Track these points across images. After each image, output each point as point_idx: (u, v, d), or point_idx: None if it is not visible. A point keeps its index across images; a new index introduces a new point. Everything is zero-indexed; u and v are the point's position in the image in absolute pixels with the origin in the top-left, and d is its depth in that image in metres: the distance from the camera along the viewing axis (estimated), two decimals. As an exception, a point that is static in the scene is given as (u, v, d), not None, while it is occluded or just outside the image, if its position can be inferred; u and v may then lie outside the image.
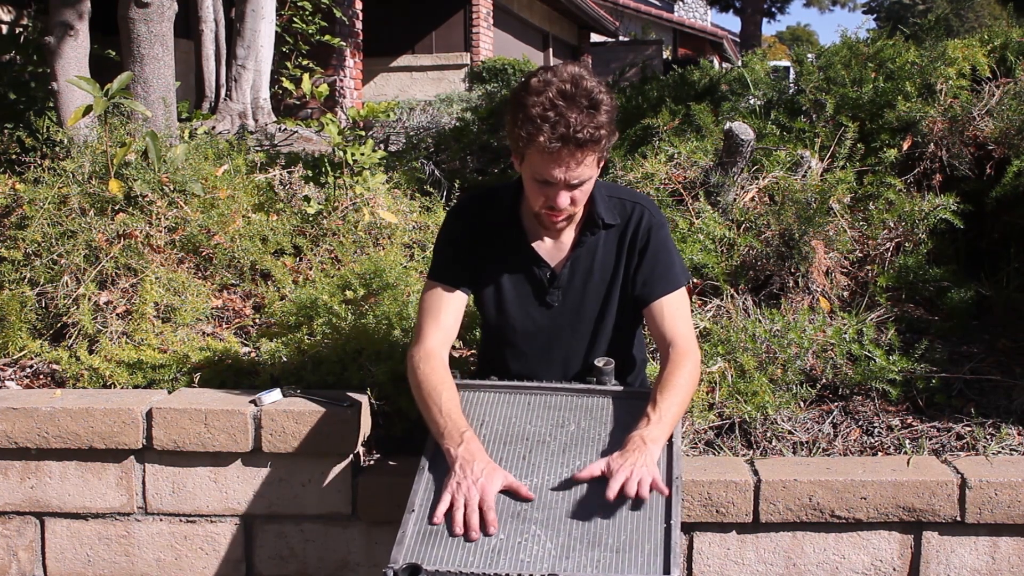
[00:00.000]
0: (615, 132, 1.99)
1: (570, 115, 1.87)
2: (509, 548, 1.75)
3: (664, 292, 2.09)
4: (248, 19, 7.72)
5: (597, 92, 1.91)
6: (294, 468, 2.40)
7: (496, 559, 1.73)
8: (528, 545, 1.76)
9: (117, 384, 2.66)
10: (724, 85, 4.27)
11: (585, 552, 1.74)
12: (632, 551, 1.73)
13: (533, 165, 1.95)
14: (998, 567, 2.31)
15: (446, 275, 2.13)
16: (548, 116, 1.87)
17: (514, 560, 1.73)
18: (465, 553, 1.75)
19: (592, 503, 1.82)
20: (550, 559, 1.72)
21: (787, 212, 3.09)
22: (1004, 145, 3.33)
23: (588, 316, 2.14)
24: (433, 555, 1.75)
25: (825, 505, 2.27)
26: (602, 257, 2.12)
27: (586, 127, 1.87)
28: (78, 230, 3.07)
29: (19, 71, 5.21)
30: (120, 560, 2.46)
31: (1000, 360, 2.84)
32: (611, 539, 1.76)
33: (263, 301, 3.07)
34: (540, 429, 2.00)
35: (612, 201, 2.13)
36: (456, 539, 1.78)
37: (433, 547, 1.76)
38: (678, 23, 24.35)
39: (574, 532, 1.78)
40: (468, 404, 2.05)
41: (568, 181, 1.93)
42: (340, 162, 3.60)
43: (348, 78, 10.07)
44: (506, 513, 1.81)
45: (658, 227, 2.12)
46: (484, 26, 12.82)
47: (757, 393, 2.60)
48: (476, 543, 1.77)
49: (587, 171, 1.95)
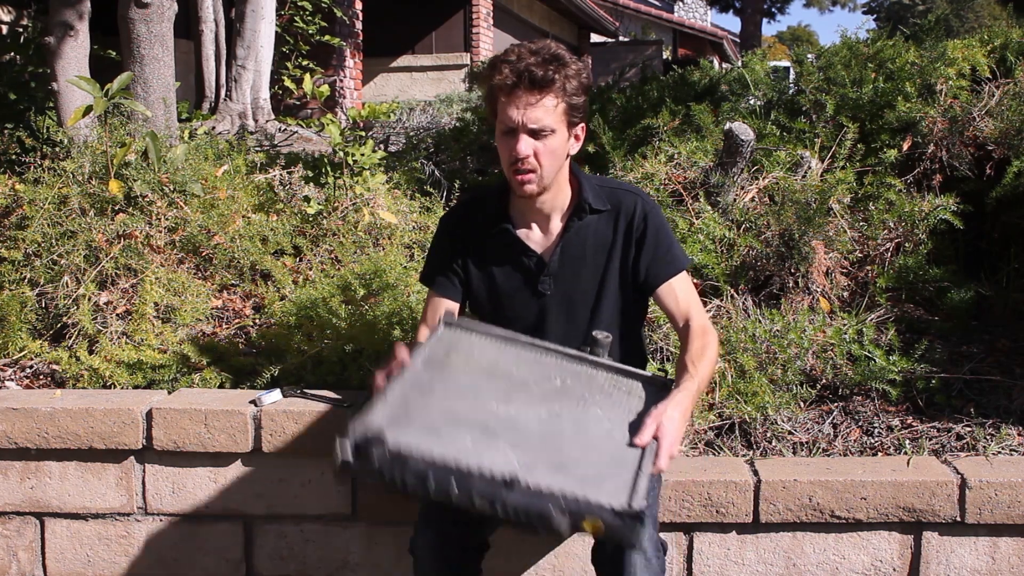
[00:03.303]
0: (583, 97, 2.05)
1: (528, 58, 1.97)
2: (474, 452, 1.73)
3: (670, 274, 2.11)
4: (248, 19, 7.72)
5: (563, 53, 2.01)
6: (294, 468, 2.40)
7: (459, 457, 1.70)
8: (493, 455, 1.73)
9: (117, 384, 2.66)
10: (724, 85, 4.27)
11: (550, 474, 1.72)
12: (597, 484, 1.72)
13: (499, 116, 2.02)
14: (998, 567, 2.31)
15: (433, 280, 2.19)
16: (509, 59, 1.99)
17: (478, 461, 1.70)
18: (429, 443, 1.72)
19: (564, 440, 1.82)
20: (512, 468, 1.70)
21: (787, 212, 3.09)
22: (1004, 145, 3.33)
23: (582, 303, 2.14)
24: (396, 437, 1.72)
25: (825, 505, 2.27)
26: (594, 243, 2.13)
27: (543, 68, 1.96)
28: (78, 230, 3.07)
29: (19, 71, 5.21)
30: (120, 560, 2.46)
31: (1000, 360, 2.84)
32: (578, 471, 1.74)
33: (263, 301, 3.07)
34: (526, 376, 1.97)
35: (601, 190, 2.16)
36: (423, 428, 1.75)
37: (398, 430, 1.73)
38: (678, 23, 24.35)
39: (542, 457, 1.76)
40: (457, 342, 2.02)
41: (526, 124, 1.98)
42: (340, 162, 3.60)
43: (348, 78, 10.07)
44: (477, 428, 1.79)
45: (653, 213, 2.14)
46: (484, 26, 12.82)
47: (757, 393, 2.60)
48: (443, 439, 1.74)
49: (546, 117, 1.98)
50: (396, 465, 1.69)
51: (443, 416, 1.84)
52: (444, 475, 1.69)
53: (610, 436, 1.88)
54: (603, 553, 1.90)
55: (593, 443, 1.85)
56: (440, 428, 1.80)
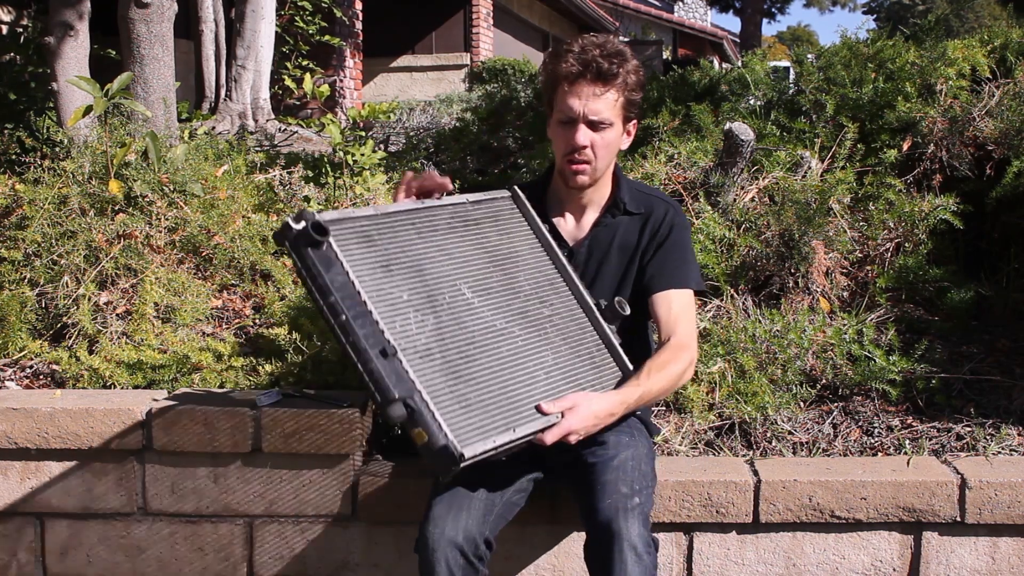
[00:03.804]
0: (640, 94, 2.08)
1: (594, 50, 2.01)
2: (397, 308, 1.76)
3: (670, 285, 2.11)
4: (248, 19, 7.72)
5: (624, 49, 2.05)
6: (294, 468, 2.40)
7: (377, 298, 1.74)
8: (408, 320, 1.76)
9: (117, 384, 2.66)
10: (724, 85, 4.27)
11: (436, 371, 1.75)
12: (467, 412, 1.76)
13: (557, 106, 2.05)
14: (998, 567, 2.31)
15: None
16: (573, 50, 2.02)
17: (390, 315, 1.73)
18: (368, 272, 1.75)
19: (486, 357, 1.85)
20: (408, 343, 1.74)
21: (787, 212, 3.09)
22: (1004, 145, 3.33)
23: (601, 297, 2.15)
24: (344, 247, 1.75)
25: (825, 505, 2.27)
26: (620, 242, 2.15)
27: (608, 60, 2.00)
28: (78, 230, 3.07)
29: (19, 71, 5.21)
30: (120, 560, 2.46)
31: (1000, 360, 2.84)
32: (467, 389, 1.79)
33: (263, 301, 3.07)
34: (523, 284, 1.98)
35: (638, 194, 2.19)
36: (376, 261, 1.77)
37: (352, 245, 1.77)
38: (678, 23, 24.35)
39: (450, 354, 1.79)
40: (503, 217, 2.03)
41: (587, 115, 2.01)
42: (340, 162, 3.60)
43: (348, 78, 10.07)
44: (425, 292, 1.81)
45: (681, 227, 2.16)
46: (484, 26, 12.82)
47: (757, 393, 2.60)
48: (385, 276, 1.77)
49: (606, 110, 2.02)
50: (321, 262, 1.69)
51: (407, 260, 1.82)
52: (350, 304, 1.69)
53: (528, 386, 1.87)
54: (594, 549, 1.90)
55: (507, 379, 1.84)
56: (392, 267, 1.79)
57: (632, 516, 1.86)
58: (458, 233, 1.96)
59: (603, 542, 1.86)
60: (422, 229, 1.90)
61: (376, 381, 1.69)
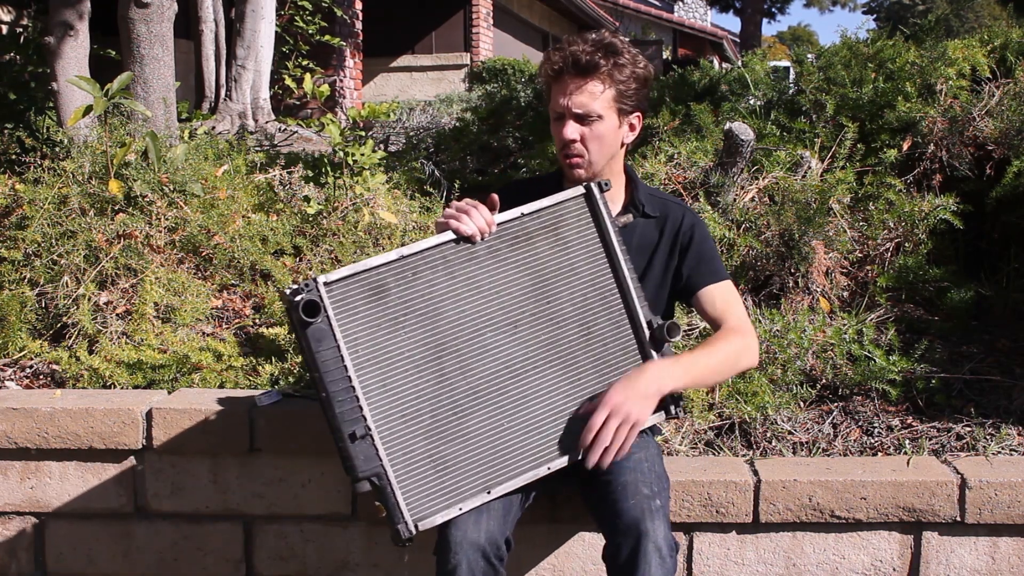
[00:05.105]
0: (638, 85, 2.06)
1: (576, 46, 2.01)
2: (389, 376, 1.82)
3: (711, 281, 2.13)
4: (248, 19, 7.72)
5: (618, 43, 2.03)
6: (294, 468, 2.40)
7: (370, 373, 1.82)
8: (398, 392, 1.83)
9: (117, 384, 2.66)
10: (724, 85, 4.27)
11: (418, 437, 1.83)
12: (442, 475, 1.85)
13: (550, 104, 2.07)
14: (998, 567, 2.31)
15: None
16: (560, 47, 2.04)
17: (381, 390, 1.81)
18: (366, 339, 1.80)
19: (492, 422, 1.89)
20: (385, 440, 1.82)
21: (787, 212, 3.09)
22: (1004, 145, 3.33)
23: None
24: (344, 318, 1.79)
25: (825, 505, 2.27)
26: (637, 244, 2.15)
27: (589, 53, 1.99)
28: (78, 230, 3.07)
29: (19, 71, 5.20)
30: (120, 560, 2.46)
31: (1000, 360, 2.84)
32: (451, 447, 1.86)
33: (263, 301, 3.07)
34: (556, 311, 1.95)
35: (653, 198, 2.20)
36: (385, 320, 1.81)
37: (354, 314, 1.80)
38: (678, 23, 24.35)
39: (441, 427, 1.85)
40: (560, 224, 1.98)
41: (572, 109, 2.02)
42: (340, 162, 3.60)
43: (348, 78, 10.07)
44: (433, 352, 1.84)
45: (700, 225, 2.18)
46: (484, 26, 12.82)
47: (757, 393, 2.60)
48: (390, 337, 1.81)
49: (591, 102, 2.01)
50: (313, 336, 1.76)
51: (423, 306, 1.84)
52: (332, 381, 1.77)
53: (527, 434, 1.91)
54: (617, 549, 1.87)
55: (503, 430, 1.88)
56: (402, 320, 1.83)
57: (658, 517, 1.85)
58: (499, 257, 1.89)
59: (629, 543, 1.84)
60: (453, 262, 1.85)
61: (345, 459, 1.81)
